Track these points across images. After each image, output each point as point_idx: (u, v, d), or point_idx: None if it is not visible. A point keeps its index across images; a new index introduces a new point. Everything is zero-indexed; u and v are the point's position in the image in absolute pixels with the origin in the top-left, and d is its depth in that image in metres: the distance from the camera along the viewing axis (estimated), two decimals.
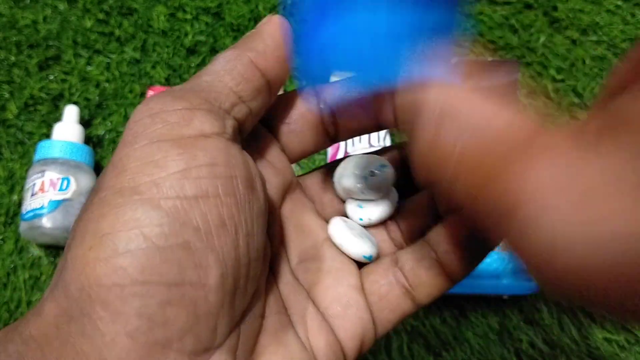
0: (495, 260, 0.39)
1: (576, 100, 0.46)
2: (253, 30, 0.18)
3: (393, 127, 0.21)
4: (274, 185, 0.20)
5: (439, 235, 0.20)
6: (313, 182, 0.23)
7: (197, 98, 0.17)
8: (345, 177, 0.21)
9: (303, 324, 0.19)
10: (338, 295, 0.20)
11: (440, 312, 0.40)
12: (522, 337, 0.39)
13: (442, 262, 0.20)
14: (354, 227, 0.22)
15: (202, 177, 0.15)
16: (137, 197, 0.15)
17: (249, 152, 0.18)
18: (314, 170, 0.23)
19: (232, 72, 0.17)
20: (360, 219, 0.22)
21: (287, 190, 0.21)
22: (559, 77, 0.47)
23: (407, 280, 0.21)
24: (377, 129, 0.21)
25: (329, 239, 0.22)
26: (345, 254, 0.21)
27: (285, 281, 0.20)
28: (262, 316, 0.18)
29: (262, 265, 0.18)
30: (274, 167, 0.20)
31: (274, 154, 0.20)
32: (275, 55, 0.18)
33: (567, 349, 0.38)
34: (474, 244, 0.20)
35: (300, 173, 0.23)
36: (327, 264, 0.21)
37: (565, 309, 0.40)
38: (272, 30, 0.18)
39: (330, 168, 0.22)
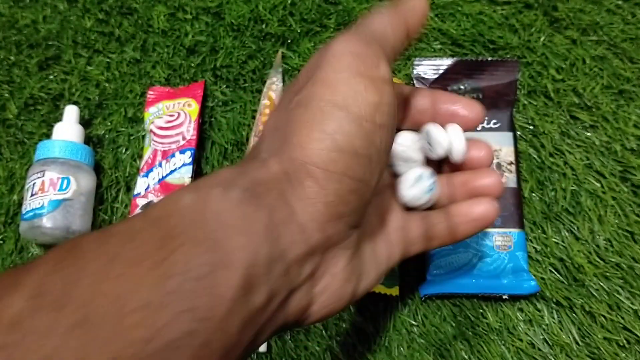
0: (495, 260, 0.39)
1: (576, 100, 0.46)
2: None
3: None
4: None
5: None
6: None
7: (378, 47, 0.23)
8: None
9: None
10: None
11: (440, 312, 0.40)
12: (522, 337, 0.39)
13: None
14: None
15: (385, 113, 0.22)
16: (344, 113, 0.21)
17: None
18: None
19: (392, 28, 0.24)
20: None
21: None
22: (559, 77, 0.47)
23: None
24: None
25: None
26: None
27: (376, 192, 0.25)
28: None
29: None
30: None
31: None
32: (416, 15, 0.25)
33: (567, 349, 0.38)
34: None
35: None
36: None
37: (566, 309, 0.40)
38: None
39: None
